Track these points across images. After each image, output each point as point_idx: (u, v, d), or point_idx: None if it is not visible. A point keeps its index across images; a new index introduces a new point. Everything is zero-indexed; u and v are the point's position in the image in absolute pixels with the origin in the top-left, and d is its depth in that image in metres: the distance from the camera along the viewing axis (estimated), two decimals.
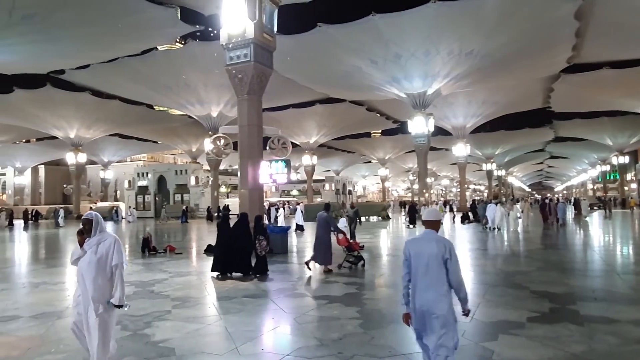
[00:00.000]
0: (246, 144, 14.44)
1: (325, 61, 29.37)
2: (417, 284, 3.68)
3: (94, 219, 4.26)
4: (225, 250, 10.37)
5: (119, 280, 4.18)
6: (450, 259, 3.62)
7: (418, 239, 3.86)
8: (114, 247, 4.22)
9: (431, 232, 3.80)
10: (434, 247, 3.65)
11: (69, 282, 10.47)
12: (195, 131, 47.87)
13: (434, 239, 3.72)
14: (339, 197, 67.00)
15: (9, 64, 26.83)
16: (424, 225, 3.94)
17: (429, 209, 4.45)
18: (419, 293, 3.66)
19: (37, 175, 69.44)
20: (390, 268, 11.63)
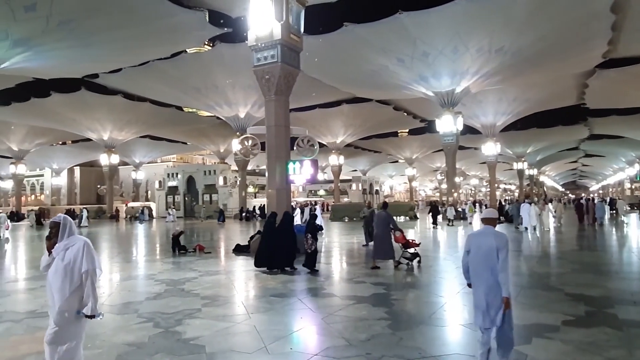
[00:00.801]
0: (274, 144, 14.54)
1: (352, 61, 29.29)
2: (477, 270, 4.42)
3: (62, 222, 3.88)
4: (270, 248, 11.03)
5: (90, 288, 3.81)
6: (501, 249, 4.29)
7: (479, 233, 4.58)
8: (83, 252, 3.82)
9: (489, 227, 4.53)
10: (492, 239, 4.35)
11: (102, 279, 10.78)
12: (223, 132, 48.51)
13: (492, 233, 4.43)
14: (366, 197, 66.68)
15: (47, 69, 27.85)
16: (482, 222, 4.69)
17: (488, 209, 5.00)
18: (477, 278, 4.42)
19: (73, 176, 71.76)
20: (418, 268, 11.49)
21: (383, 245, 11.04)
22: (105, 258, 15.03)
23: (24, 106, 38.14)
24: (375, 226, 11.50)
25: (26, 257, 16.31)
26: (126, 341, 5.57)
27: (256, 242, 14.56)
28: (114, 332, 5.98)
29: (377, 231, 11.24)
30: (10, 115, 39.95)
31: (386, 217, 11.38)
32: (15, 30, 21.04)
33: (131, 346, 5.38)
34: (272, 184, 14.70)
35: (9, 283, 10.34)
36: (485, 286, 4.32)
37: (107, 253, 16.65)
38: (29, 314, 7.04)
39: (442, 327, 6.28)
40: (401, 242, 11.45)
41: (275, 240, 11.20)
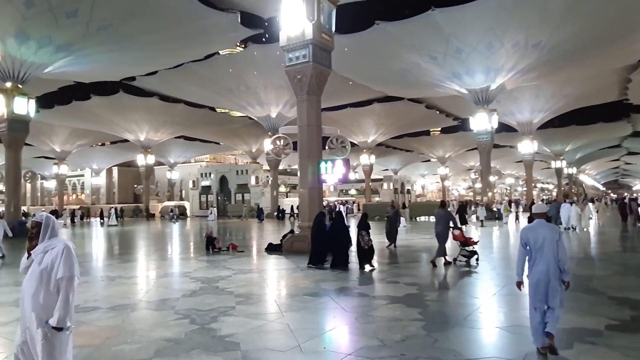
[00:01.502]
0: (306, 144, 14.60)
1: (383, 59, 29.08)
2: (535, 260, 4.91)
3: (44, 222, 3.53)
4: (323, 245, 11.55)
5: (63, 297, 3.37)
6: (559, 240, 4.86)
7: (533, 226, 5.07)
8: (61, 257, 3.42)
9: (541, 220, 5.06)
10: (547, 231, 4.91)
11: (140, 276, 11.11)
12: (255, 132, 49.09)
13: (545, 226, 5.01)
14: (397, 196, 66.09)
15: (87, 72, 28.92)
16: (534, 217, 5.18)
17: (538, 204, 5.55)
18: (536, 267, 4.89)
19: (111, 176, 74.20)
20: (452, 269, 11.29)
21: (442, 242, 11.26)
22: (142, 255, 15.47)
23: (66, 109, 39.74)
24: (436, 223, 11.75)
25: None
26: (164, 337, 5.70)
27: (288, 241, 14.68)
28: (152, 328, 6.13)
29: (437, 228, 11.49)
30: (53, 118, 41.66)
31: (445, 215, 11.65)
32: (58, 36, 21.94)
33: (169, 342, 5.50)
34: (304, 184, 14.77)
35: None
36: (545, 272, 4.81)
37: (143, 251, 17.14)
38: None
39: (478, 329, 6.14)
40: (460, 240, 11.59)
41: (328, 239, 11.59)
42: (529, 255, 4.98)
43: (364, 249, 11.18)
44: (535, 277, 4.89)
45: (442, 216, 11.62)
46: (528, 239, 4.97)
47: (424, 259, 12.25)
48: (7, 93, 23.33)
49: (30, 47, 22.19)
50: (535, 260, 4.90)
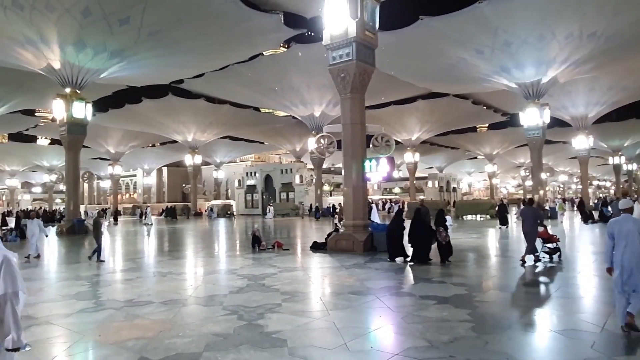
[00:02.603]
0: (350, 142, 14.57)
1: (428, 55, 28.52)
2: (620, 249, 5.46)
3: None
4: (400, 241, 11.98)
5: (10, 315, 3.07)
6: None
7: (619, 220, 5.66)
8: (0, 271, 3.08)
9: (628, 215, 5.68)
10: (632, 224, 5.50)
11: (189, 273, 11.47)
12: (299, 131, 49.52)
13: (630, 219, 5.61)
14: (443, 194, 64.76)
15: (138, 77, 30.17)
16: (622, 212, 5.73)
17: (624, 199, 6.09)
18: (622, 256, 5.42)
19: (161, 176, 77.13)
20: (500, 269, 10.95)
21: (532, 240, 11.13)
22: (191, 253, 15.96)
23: (119, 112, 41.67)
24: (522, 222, 11.63)
25: (122, 250, 17.77)
26: (213, 331, 5.86)
27: (333, 240, 14.70)
28: (202, 323, 6.31)
29: (525, 227, 11.36)
30: (108, 121, 43.76)
31: (533, 212, 11.52)
32: (112, 42, 23.00)
33: (218, 336, 5.65)
34: (348, 182, 14.75)
35: (109, 274, 11.31)
36: (628, 260, 5.36)
37: (192, 248, 17.68)
38: (127, 303, 7.64)
39: (532, 332, 5.92)
40: (543, 237, 11.51)
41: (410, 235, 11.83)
42: (615, 246, 5.54)
43: (442, 244, 11.49)
44: (620, 265, 5.43)
45: (529, 213, 11.48)
46: (614, 230, 5.59)
47: (471, 259, 11.94)
48: (67, 98, 24.68)
49: (87, 54, 23.39)
50: (621, 250, 5.45)
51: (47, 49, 22.66)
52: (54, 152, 61.75)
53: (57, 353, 5.34)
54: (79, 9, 20.37)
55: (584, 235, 18.69)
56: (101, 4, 20.32)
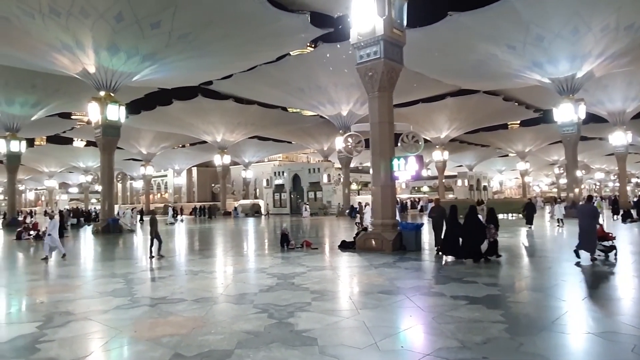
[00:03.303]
0: (378, 141, 14.49)
1: (457, 51, 28.05)
2: None
3: None
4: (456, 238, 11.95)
5: None
6: None
7: None
8: None
9: None
10: None
11: (220, 271, 11.65)
12: (327, 130, 49.59)
13: None
14: (473, 193, 63.60)
15: (169, 79, 30.84)
16: None
17: None
18: None
19: (191, 176, 78.58)
20: (534, 270, 10.68)
21: (590, 237, 11.04)
22: (221, 252, 16.19)
23: (151, 114, 42.70)
24: (580, 219, 11.52)
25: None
26: (244, 329, 5.94)
27: (361, 239, 14.66)
28: (233, 321, 6.40)
29: (582, 224, 11.26)
30: (140, 123, 44.91)
31: (591, 210, 11.44)
32: (144, 46, 23.57)
33: (249, 334, 5.72)
34: (376, 181, 14.68)
35: (142, 272, 11.61)
36: None
37: (221, 247, 17.93)
38: (160, 300, 7.83)
39: (568, 334, 5.75)
40: (599, 235, 11.36)
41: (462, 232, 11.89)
42: None
43: (490, 241, 11.62)
44: None
45: (587, 211, 11.38)
46: None
47: (503, 259, 11.68)
48: (101, 101, 25.44)
49: (120, 58, 24.05)
50: None
51: (83, 53, 23.41)
52: (90, 154, 63.92)
53: (95, 348, 5.53)
54: (112, 14, 20.96)
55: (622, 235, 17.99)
56: (133, 9, 20.85)
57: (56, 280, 10.85)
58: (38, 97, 32.94)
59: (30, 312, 7.60)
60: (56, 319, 6.69)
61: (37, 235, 21.89)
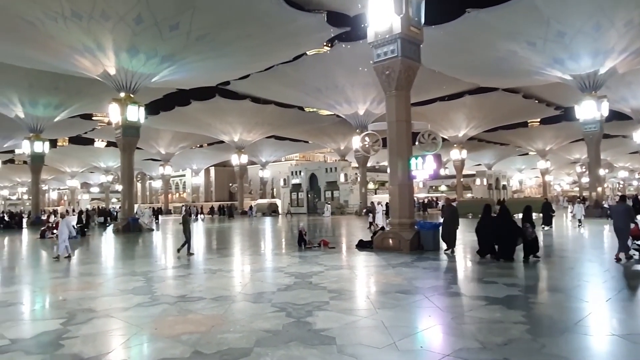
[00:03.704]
0: (395, 140, 14.40)
1: (475, 49, 27.71)
2: None
3: None
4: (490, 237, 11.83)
5: None
6: None
7: None
8: None
9: None
10: None
11: (238, 270, 11.72)
12: (343, 130, 49.53)
13: None
14: (492, 192, 62.75)
15: (187, 80, 31.18)
16: None
17: None
18: None
19: (209, 176, 79.32)
20: (555, 270, 10.48)
21: (624, 237, 10.96)
22: (238, 250, 16.29)
23: (169, 114, 43.26)
24: (614, 220, 11.43)
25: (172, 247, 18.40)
26: (263, 328, 5.96)
27: (379, 238, 14.60)
28: (252, 319, 6.44)
29: (618, 224, 11.17)
30: (159, 123, 45.53)
31: (625, 209, 11.31)
32: (163, 48, 23.88)
33: (267, 333, 5.74)
34: (393, 180, 14.60)
35: (161, 270, 11.76)
36: None
37: (239, 246, 18.04)
38: (180, 298, 7.91)
39: (591, 336, 5.63)
40: (634, 234, 11.24)
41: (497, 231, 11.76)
42: None
43: (528, 240, 11.43)
44: None
45: (622, 211, 11.23)
46: None
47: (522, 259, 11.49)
48: (121, 102, 25.87)
49: (139, 59, 24.41)
50: None
51: (103, 55, 23.83)
52: (110, 154, 65.09)
53: (117, 345, 5.61)
54: (132, 17, 21.28)
55: None
56: (152, 11, 21.13)
57: (78, 277, 11.06)
58: (61, 99, 33.67)
59: (53, 309, 7.77)
60: (79, 316, 6.83)
61: None
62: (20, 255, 16.82)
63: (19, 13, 20.34)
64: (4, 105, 33.45)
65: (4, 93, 31.98)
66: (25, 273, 12.06)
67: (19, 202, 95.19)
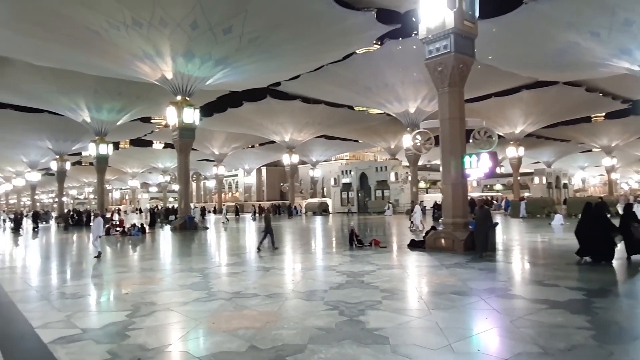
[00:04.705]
0: (448, 138, 14.08)
1: (533, 41, 26.48)
2: None
3: None
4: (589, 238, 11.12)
5: None
6: None
7: None
8: None
9: None
10: None
11: (290, 268, 11.89)
12: (393, 128, 48.97)
13: None
14: (552, 191, 59.86)
15: (240, 82, 31.99)
16: None
17: None
18: None
19: (261, 175, 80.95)
20: (622, 273, 9.86)
21: None
22: (290, 249, 16.52)
23: (222, 116, 44.55)
24: None
25: (226, 245, 18.96)
26: (316, 325, 6.02)
27: (431, 238, 14.33)
28: (305, 317, 6.52)
29: None
30: (212, 124, 46.99)
31: None
32: (217, 51, 24.63)
33: (320, 330, 5.80)
34: (446, 179, 14.29)
35: (217, 267, 12.15)
36: None
37: (290, 245, 18.29)
38: (235, 294, 8.14)
39: None
40: None
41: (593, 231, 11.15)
42: None
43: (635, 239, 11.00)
44: None
45: None
46: None
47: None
48: (178, 105, 26.94)
49: (195, 63, 25.32)
50: None
51: (161, 61, 24.92)
52: (167, 155, 68.01)
53: (178, 337, 5.87)
54: (188, 23, 22.10)
55: None
56: (207, 16, 21.84)
57: (140, 273, 11.64)
58: (123, 104, 35.57)
59: (119, 301, 8.23)
60: (142, 309, 7.19)
61: (122, 231, 23.66)
62: (88, 251, 17.93)
63: (86, 24, 21.66)
64: (72, 111, 35.77)
65: (73, 99, 34.21)
66: (92, 267, 12.84)
67: (85, 201, 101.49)
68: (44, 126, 42.32)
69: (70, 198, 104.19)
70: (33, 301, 8.36)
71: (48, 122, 40.71)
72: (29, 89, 32.07)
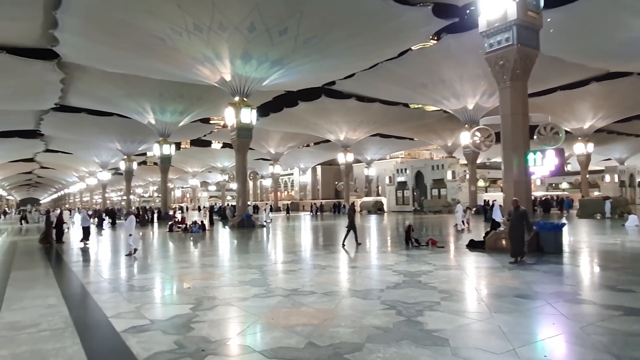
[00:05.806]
0: (510, 135, 13.54)
1: (604, 30, 24.81)
2: None
3: None
4: None
5: None
6: None
7: None
8: None
9: None
10: None
11: (346, 266, 11.91)
12: (450, 125, 47.70)
13: None
14: (625, 190, 55.89)
15: (295, 82, 32.41)
16: None
17: None
18: None
19: (316, 174, 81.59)
20: None
21: None
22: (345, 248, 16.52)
23: (278, 116, 45.32)
24: None
25: (282, 243, 19.28)
26: (373, 324, 6.00)
27: (492, 238, 13.85)
28: (362, 315, 6.50)
29: None
30: (268, 124, 47.94)
31: None
32: (273, 52, 25.10)
33: (378, 329, 5.76)
34: (508, 177, 13.75)
35: (274, 264, 12.39)
36: None
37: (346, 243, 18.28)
38: (293, 291, 8.27)
39: None
40: None
41: None
42: None
43: None
44: None
45: None
46: None
47: None
48: (236, 106, 27.75)
49: (252, 65, 25.96)
50: None
51: (220, 64, 25.76)
52: (226, 155, 70.21)
53: (238, 331, 6.06)
54: (245, 26, 22.69)
55: None
56: (263, 18, 22.31)
57: (202, 268, 12.11)
58: (185, 106, 37.16)
59: (183, 295, 8.60)
60: (205, 303, 7.48)
61: (185, 228, 24.70)
62: (153, 247, 18.88)
63: (150, 31, 22.80)
64: (139, 113, 37.84)
65: (140, 102, 36.19)
66: (157, 262, 13.51)
67: (150, 199, 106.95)
68: (113, 128, 45.12)
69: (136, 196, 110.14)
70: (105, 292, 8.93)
71: (117, 124, 43.33)
72: (100, 93, 34.28)
